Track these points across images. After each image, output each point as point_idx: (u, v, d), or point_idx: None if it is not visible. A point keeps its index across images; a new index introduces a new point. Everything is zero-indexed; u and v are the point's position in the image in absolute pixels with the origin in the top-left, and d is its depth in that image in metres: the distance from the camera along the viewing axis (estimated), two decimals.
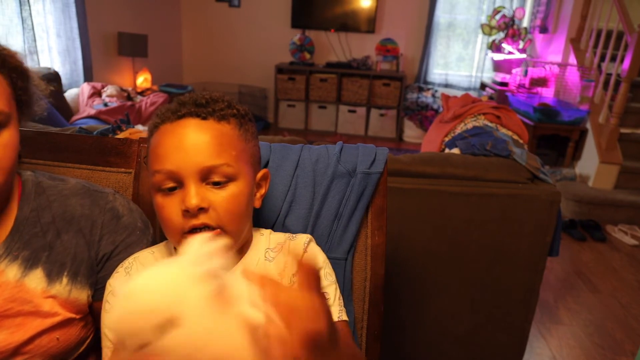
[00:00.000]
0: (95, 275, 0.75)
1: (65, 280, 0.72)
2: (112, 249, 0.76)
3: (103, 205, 0.77)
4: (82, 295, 0.73)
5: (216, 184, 0.65)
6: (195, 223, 0.64)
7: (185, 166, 0.64)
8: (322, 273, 0.73)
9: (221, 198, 0.65)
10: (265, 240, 0.77)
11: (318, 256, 0.76)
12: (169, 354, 0.40)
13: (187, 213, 0.63)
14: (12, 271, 0.69)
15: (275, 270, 0.73)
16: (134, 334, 0.41)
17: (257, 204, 0.74)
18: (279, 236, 0.78)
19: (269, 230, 0.79)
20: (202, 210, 0.64)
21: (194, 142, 0.65)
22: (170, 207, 0.65)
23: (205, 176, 0.65)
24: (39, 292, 0.70)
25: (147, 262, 0.72)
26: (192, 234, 0.64)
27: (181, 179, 0.64)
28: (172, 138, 0.66)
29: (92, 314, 0.77)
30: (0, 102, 0.64)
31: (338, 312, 0.72)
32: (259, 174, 0.74)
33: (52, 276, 0.71)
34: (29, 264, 0.70)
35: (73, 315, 0.73)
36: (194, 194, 0.63)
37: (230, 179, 0.66)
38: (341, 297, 0.74)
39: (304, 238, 0.77)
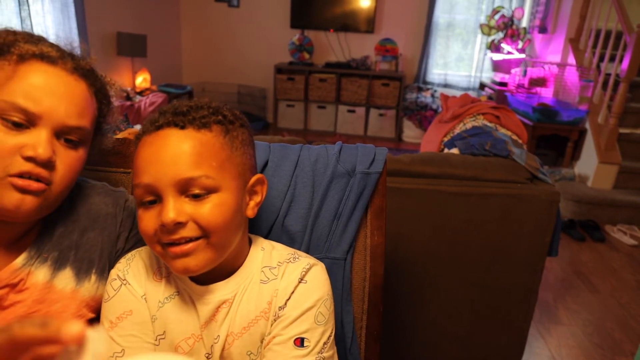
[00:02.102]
0: None
1: (93, 277, 0.73)
2: (124, 245, 0.78)
3: (122, 203, 0.79)
4: None
5: (196, 197, 0.62)
6: (173, 238, 0.61)
7: (162, 178, 0.61)
8: (312, 313, 0.69)
9: (202, 210, 0.62)
10: (265, 256, 0.73)
11: (316, 292, 0.70)
12: None
13: (164, 227, 0.61)
14: (42, 273, 0.69)
15: (266, 296, 0.69)
16: None
17: (250, 213, 0.70)
18: (282, 253, 0.74)
19: (271, 244, 0.76)
20: (179, 224, 0.61)
21: (170, 154, 0.62)
22: (148, 220, 0.63)
23: (184, 188, 0.61)
24: (67, 293, 0.71)
25: (147, 257, 0.72)
26: (171, 247, 0.62)
27: (159, 192, 0.61)
28: (149, 150, 0.63)
29: None
30: (87, 120, 0.68)
31: None
32: (252, 179, 0.70)
33: (80, 274, 0.72)
34: (58, 265, 0.71)
35: (92, 316, 0.74)
36: (171, 208, 0.60)
37: (211, 190, 0.63)
38: (329, 342, 0.70)
39: (304, 263, 0.72)
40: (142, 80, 4.33)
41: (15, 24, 2.96)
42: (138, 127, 1.64)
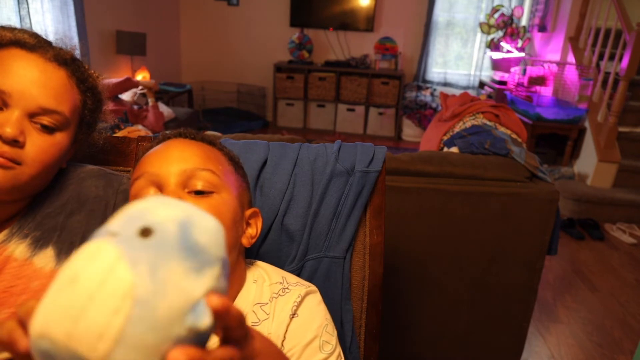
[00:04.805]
0: None
1: None
2: None
3: (117, 187, 0.78)
4: None
5: (198, 193, 0.61)
6: None
7: (168, 169, 0.61)
8: (316, 344, 0.64)
9: (201, 204, 0.59)
10: (256, 291, 0.69)
11: (313, 321, 0.66)
12: None
13: None
14: (20, 249, 0.70)
15: (259, 340, 0.66)
16: None
17: (246, 242, 0.69)
18: (273, 284, 0.70)
19: (266, 272, 0.72)
20: None
21: (178, 152, 0.64)
22: None
23: (188, 182, 0.61)
24: (47, 272, 0.71)
25: None
26: None
27: (161, 182, 0.61)
28: (157, 150, 0.65)
29: None
30: (65, 107, 0.68)
31: None
32: (248, 212, 0.71)
33: (61, 256, 0.73)
34: (40, 244, 0.71)
35: None
36: (171, 192, 0.60)
37: (213, 190, 0.62)
38: None
39: (295, 295, 0.67)
40: (141, 79, 4.32)
41: (14, 22, 2.96)
42: (139, 126, 1.64)
